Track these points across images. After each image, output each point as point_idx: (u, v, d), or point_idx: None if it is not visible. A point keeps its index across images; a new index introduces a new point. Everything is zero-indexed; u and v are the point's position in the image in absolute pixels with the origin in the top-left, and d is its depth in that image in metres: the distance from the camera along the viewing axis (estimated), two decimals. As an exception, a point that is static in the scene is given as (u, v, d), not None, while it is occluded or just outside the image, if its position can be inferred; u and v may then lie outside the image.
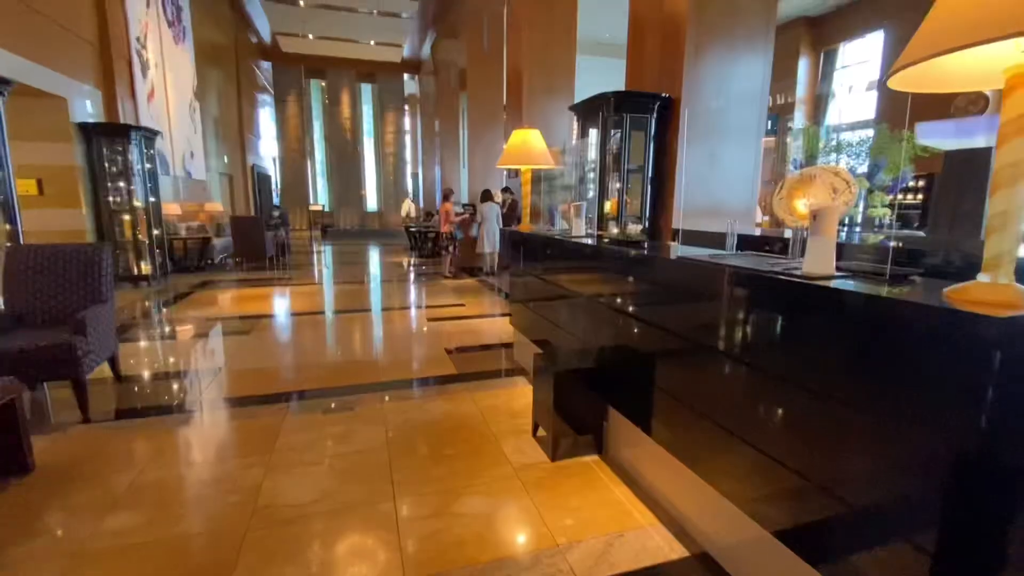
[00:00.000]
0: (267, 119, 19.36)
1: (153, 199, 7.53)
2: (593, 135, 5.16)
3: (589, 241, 3.01)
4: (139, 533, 1.98)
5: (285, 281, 8.35)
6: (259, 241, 9.50)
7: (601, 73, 12.14)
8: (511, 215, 9.30)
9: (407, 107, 22.10)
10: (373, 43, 17.95)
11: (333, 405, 3.24)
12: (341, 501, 2.19)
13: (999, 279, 1.03)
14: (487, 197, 8.83)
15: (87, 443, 2.69)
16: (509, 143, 4.09)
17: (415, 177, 22.26)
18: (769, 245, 2.46)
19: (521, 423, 2.95)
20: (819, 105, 12.92)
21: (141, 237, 7.24)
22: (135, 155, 7.08)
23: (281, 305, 6.56)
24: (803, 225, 1.70)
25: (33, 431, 2.57)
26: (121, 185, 7.01)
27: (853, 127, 11.68)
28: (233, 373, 3.86)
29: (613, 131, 4.70)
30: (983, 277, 1.05)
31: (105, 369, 3.48)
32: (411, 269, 10.32)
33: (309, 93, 20.89)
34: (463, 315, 5.96)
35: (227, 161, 13.99)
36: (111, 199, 6.98)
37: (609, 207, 4.89)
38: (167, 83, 9.45)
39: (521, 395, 3.38)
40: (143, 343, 4.64)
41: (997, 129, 1.04)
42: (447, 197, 9.54)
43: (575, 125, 5.84)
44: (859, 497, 1.23)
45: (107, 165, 6.89)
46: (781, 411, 1.46)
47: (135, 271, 7.24)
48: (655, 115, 4.65)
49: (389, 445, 2.69)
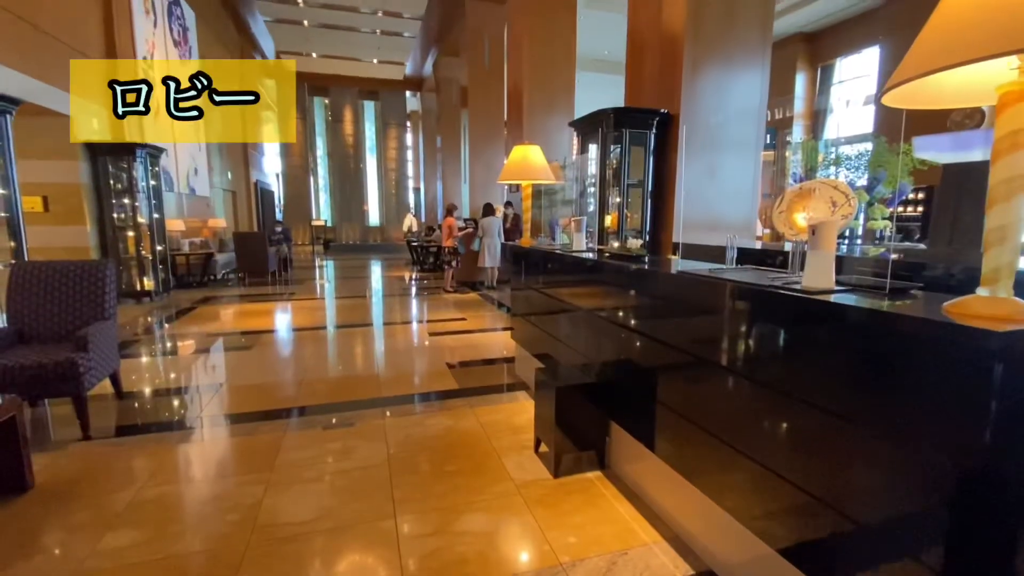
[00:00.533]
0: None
1: (157, 215, 7.59)
2: (593, 150, 5.21)
3: (590, 255, 3.02)
4: (138, 552, 1.96)
5: (287, 296, 8.37)
6: (262, 256, 9.54)
7: (601, 89, 12.30)
8: (514, 229, 9.34)
9: (409, 123, 22.35)
10: (376, 61, 18.23)
11: (334, 421, 3.23)
12: (341, 519, 2.17)
13: (998, 293, 1.03)
14: (489, 211, 8.88)
15: (87, 460, 2.67)
16: (510, 159, 4.13)
17: (417, 192, 22.43)
18: (769, 259, 2.46)
19: (523, 439, 2.93)
20: (817, 119, 13.03)
21: (145, 253, 7.28)
22: (140, 172, 7.15)
23: (282, 320, 6.57)
24: (803, 238, 1.71)
25: (33, 448, 2.56)
26: (126, 202, 7.08)
27: (851, 140, 11.77)
28: (234, 389, 3.85)
29: (613, 146, 4.74)
30: (982, 291, 1.05)
31: (106, 385, 3.48)
32: (413, 283, 10.34)
33: (312, 110, 21.15)
34: (464, 329, 5.95)
35: (231, 177, 14.12)
36: (115, 216, 7.03)
37: (609, 221, 4.92)
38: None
39: (523, 410, 3.36)
40: (144, 359, 4.64)
41: (992, 143, 1.05)
42: (450, 212, 9.60)
43: (575, 140, 5.90)
44: (864, 513, 1.21)
45: (112, 182, 6.97)
46: (784, 426, 1.45)
47: (138, 287, 7.27)
48: (654, 130, 4.69)
49: (390, 461, 2.67)
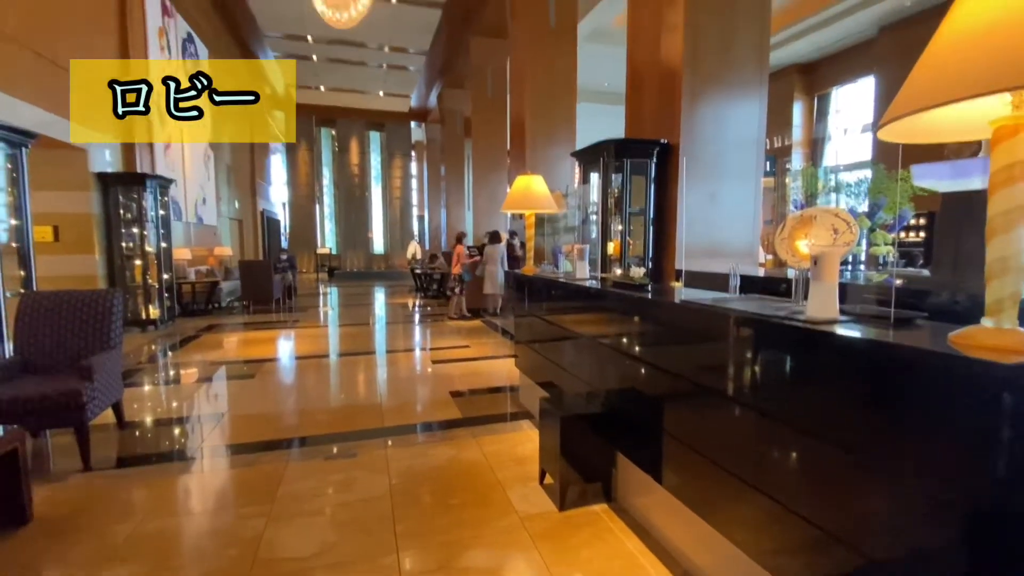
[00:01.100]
0: (278, 165, 19.98)
1: (165, 244, 7.69)
2: (595, 179, 5.28)
3: (593, 284, 3.03)
4: (135, 589, 1.92)
5: (291, 324, 8.38)
6: (266, 284, 9.60)
7: (601, 118, 12.54)
8: (519, 257, 9.39)
9: (414, 153, 22.76)
10: (382, 94, 18.70)
11: (336, 451, 3.19)
12: (343, 554, 2.13)
13: (1003, 324, 1.03)
14: (494, 239, 8.95)
15: (87, 492, 2.64)
16: (513, 189, 4.19)
17: (421, 219, 22.67)
18: (772, 287, 2.47)
19: (528, 470, 2.88)
20: (815, 147, 13.21)
21: (151, 282, 7.35)
22: (149, 202, 7.28)
23: (285, 348, 6.56)
24: (805, 265, 1.71)
25: (32, 479, 2.54)
26: (135, 231, 7.18)
27: (850, 168, 11.90)
28: (236, 418, 3.82)
29: (614, 175, 4.81)
30: (987, 322, 1.06)
31: (108, 415, 3.47)
32: (416, 310, 10.35)
33: (319, 141, 21.59)
34: (468, 357, 5.93)
35: (238, 206, 14.33)
36: (124, 244, 7.12)
37: (612, 248, 4.95)
38: (184, 134, 9.82)
39: (527, 440, 3.32)
40: (147, 388, 4.63)
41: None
42: (459, 240, 9.66)
43: (577, 170, 5.99)
44: (877, 549, 1.18)
45: (122, 212, 7.08)
46: (792, 458, 1.43)
47: (143, 315, 7.30)
48: (655, 160, 4.77)
49: (392, 493, 2.63)
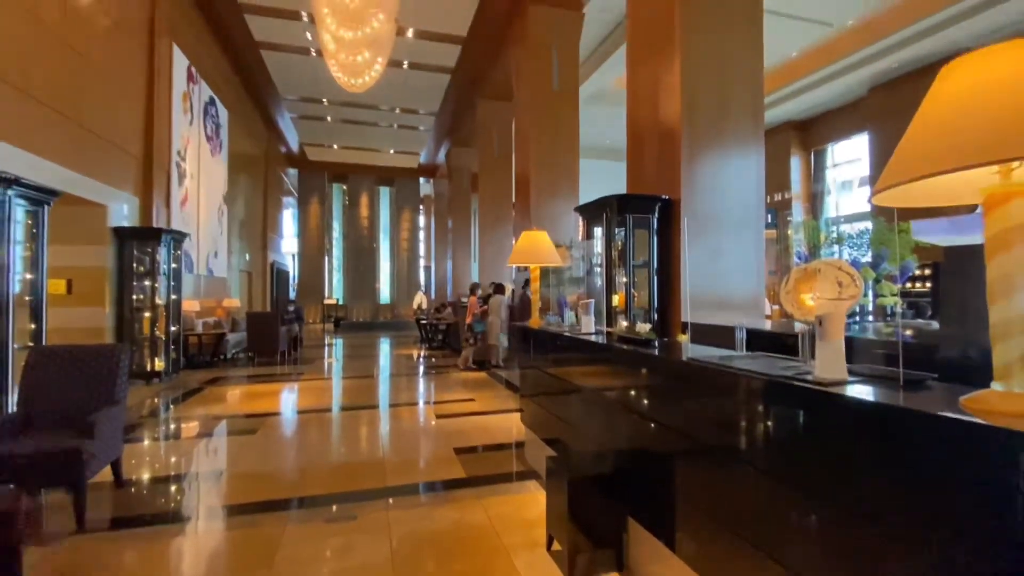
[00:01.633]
0: (289, 219, 20.52)
1: (175, 296, 7.78)
2: (598, 232, 5.38)
3: (599, 339, 3.02)
4: (119, 666, 1.81)
5: (295, 376, 8.33)
6: (273, 336, 9.63)
7: (604, 173, 12.92)
8: (525, 309, 9.40)
9: (422, 206, 23.38)
10: (392, 151, 19.46)
11: (336, 511, 3.09)
12: (340, 627, 2.02)
13: (1013, 388, 1.02)
14: (498, 290, 9.01)
15: (80, 555, 2.55)
16: (518, 243, 4.27)
17: (427, 270, 22.95)
18: (779, 342, 2.45)
19: (535, 534, 2.76)
20: (815, 200, 13.47)
21: (159, 334, 7.38)
22: (163, 255, 7.43)
23: (288, 402, 6.49)
24: (812, 318, 1.71)
25: (25, 541, 2.46)
26: (146, 284, 7.29)
27: (851, 220, 12.06)
28: (235, 477, 3.74)
29: (617, 229, 4.90)
30: (997, 386, 1.04)
31: (106, 472, 3.40)
32: (421, 361, 10.29)
33: (331, 196, 22.27)
34: (473, 411, 5.83)
35: (248, 258, 14.62)
36: (135, 297, 7.21)
37: (617, 300, 4.97)
38: (200, 190, 10.20)
39: (534, 501, 3.20)
40: (147, 443, 4.56)
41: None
42: (473, 291, 9.70)
43: (580, 223, 6.12)
44: (907, 630, 1.11)
45: (135, 265, 7.22)
46: (812, 527, 1.37)
47: (148, 367, 7.28)
48: (656, 215, 4.87)
49: (393, 559, 2.52)
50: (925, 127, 1.08)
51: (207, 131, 10.68)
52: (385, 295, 22.80)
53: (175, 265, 7.83)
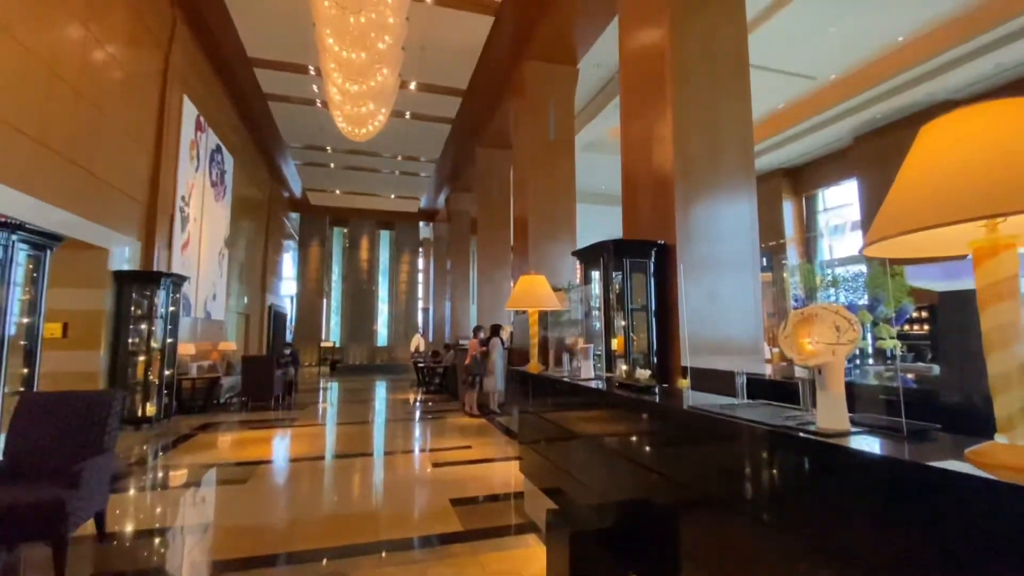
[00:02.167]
0: (289, 262, 20.65)
1: (171, 339, 7.70)
2: (596, 276, 5.42)
3: (599, 384, 2.99)
4: None
5: (288, 422, 8.16)
6: (267, 380, 9.49)
7: (600, 217, 13.17)
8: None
9: (421, 249, 23.62)
10: (393, 196, 19.85)
11: (326, 566, 2.95)
12: None
13: (1016, 440, 1.01)
14: (495, 331, 8.96)
15: (52, 619, 2.42)
16: (517, 288, 4.30)
17: (426, 312, 22.93)
18: (780, 389, 2.43)
19: (533, 591, 2.64)
20: (809, 244, 13.67)
21: (152, 378, 7.26)
22: (161, 299, 7.41)
23: (280, 449, 6.33)
24: (812, 362, 1.70)
25: (-3, 604, 2.34)
26: (143, 327, 7.23)
27: (845, 262, 12.21)
28: (222, 530, 3.59)
29: (615, 273, 4.95)
30: (1001, 438, 1.03)
31: (90, 524, 3.27)
32: (417, 406, 10.11)
33: (331, 239, 22.52)
34: (469, 459, 5.68)
35: (246, 301, 14.60)
36: (130, 340, 7.13)
37: (616, 344, 4.95)
38: (203, 234, 10.31)
39: (534, 557, 3.07)
40: (133, 492, 4.40)
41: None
42: (476, 333, 9.67)
43: (578, 267, 6.18)
44: None
45: (133, 308, 7.17)
46: (820, 586, 1.32)
47: (139, 413, 7.12)
48: (653, 259, 4.92)
49: (385, 621, 2.39)
50: (910, 183, 1.12)
51: (212, 177, 10.92)
52: (383, 337, 22.66)
53: (173, 308, 7.80)
